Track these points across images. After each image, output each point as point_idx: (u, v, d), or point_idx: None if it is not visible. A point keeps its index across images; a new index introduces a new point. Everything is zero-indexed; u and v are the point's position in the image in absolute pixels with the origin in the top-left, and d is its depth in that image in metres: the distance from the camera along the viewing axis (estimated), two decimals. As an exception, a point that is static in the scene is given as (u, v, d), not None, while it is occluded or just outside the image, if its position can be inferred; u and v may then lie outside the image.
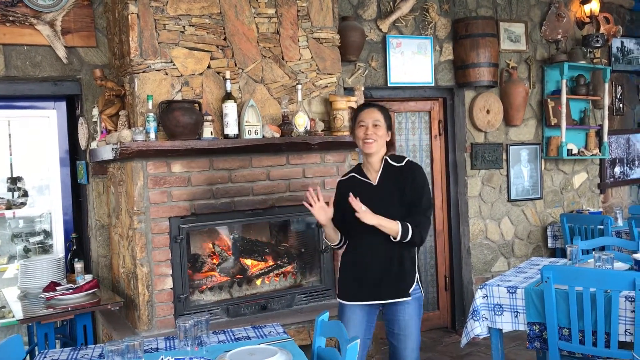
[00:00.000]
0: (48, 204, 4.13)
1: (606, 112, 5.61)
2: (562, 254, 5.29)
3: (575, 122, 5.58)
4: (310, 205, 2.80)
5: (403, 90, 4.92)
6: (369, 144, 2.79)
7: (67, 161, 4.09)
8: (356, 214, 2.66)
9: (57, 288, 3.35)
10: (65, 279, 3.64)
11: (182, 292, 3.44)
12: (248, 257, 3.90)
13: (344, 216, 2.83)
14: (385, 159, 2.86)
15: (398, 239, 2.71)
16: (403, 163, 2.86)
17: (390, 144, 2.91)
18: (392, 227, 2.70)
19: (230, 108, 3.51)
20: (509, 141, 5.32)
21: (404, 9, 4.73)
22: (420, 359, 2.90)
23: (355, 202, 2.67)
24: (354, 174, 2.94)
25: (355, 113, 2.91)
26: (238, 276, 3.80)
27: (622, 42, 6.21)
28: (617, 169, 6.28)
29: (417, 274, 2.84)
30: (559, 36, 5.46)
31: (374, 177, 2.86)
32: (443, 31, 5.00)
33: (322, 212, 2.81)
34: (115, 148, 3.19)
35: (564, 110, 5.24)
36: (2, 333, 3.97)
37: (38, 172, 4.19)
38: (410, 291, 2.80)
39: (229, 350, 2.24)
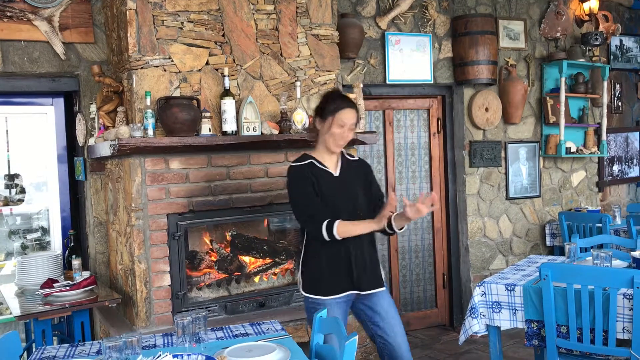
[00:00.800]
0: (45, 201, 4.13)
1: (605, 110, 5.61)
2: (561, 252, 5.29)
3: (574, 120, 5.58)
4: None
5: (402, 87, 4.92)
6: (339, 145, 2.79)
7: (65, 158, 4.08)
8: (417, 211, 2.59)
9: (54, 285, 3.34)
10: (62, 276, 3.64)
11: (180, 289, 3.44)
12: (246, 254, 3.89)
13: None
14: (342, 151, 2.89)
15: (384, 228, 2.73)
16: (356, 157, 2.95)
17: None
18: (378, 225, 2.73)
19: (228, 105, 3.50)
20: (507, 139, 5.31)
21: (403, 6, 4.72)
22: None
23: (407, 201, 2.64)
24: (311, 160, 2.81)
25: (335, 102, 2.78)
26: (236, 273, 3.80)
27: (620, 40, 6.21)
28: (616, 167, 6.29)
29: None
30: (558, 34, 5.46)
31: (333, 167, 2.83)
32: (442, 28, 4.99)
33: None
34: (113, 144, 3.18)
35: (562, 108, 5.24)
36: (-1, 330, 3.97)
37: (35, 169, 4.18)
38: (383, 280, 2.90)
39: (227, 347, 2.24)
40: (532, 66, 5.39)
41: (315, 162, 2.80)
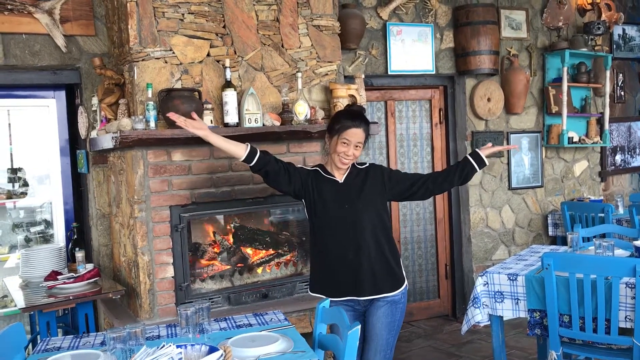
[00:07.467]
0: (48, 194, 4.14)
1: (607, 100, 5.60)
2: (563, 242, 5.30)
3: (576, 110, 5.57)
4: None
5: (404, 78, 4.91)
6: (344, 163, 2.78)
7: (67, 150, 4.09)
8: None
9: (58, 277, 3.36)
10: (66, 268, 3.65)
11: (184, 280, 3.45)
12: (249, 246, 3.90)
13: (314, 206, 2.80)
14: (353, 163, 2.87)
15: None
16: (366, 165, 2.90)
17: None
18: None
19: (230, 96, 3.49)
20: (509, 129, 5.30)
21: (405, -4, 4.70)
22: None
23: None
24: (317, 168, 2.88)
25: (340, 121, 2.79)
26: (239, 265, 3.81)
27: (623, 29, 6.18)
28: (618, 157, 6.27)
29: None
30: (560, 23, 5.43)
31: (339, 176, 2.84)
32: (444, 19, 4.97)
33: (196, 125, 2.74)
34: (115, 137, 3.18)
35: (565, 98, 5.22)
36: (4, 322, 3.99)
37: (38, 162, 4.19)
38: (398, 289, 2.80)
39: (231, 337, 2.25)
40: (534, 56, 5.37)
41: (321, 171, 2.85)
